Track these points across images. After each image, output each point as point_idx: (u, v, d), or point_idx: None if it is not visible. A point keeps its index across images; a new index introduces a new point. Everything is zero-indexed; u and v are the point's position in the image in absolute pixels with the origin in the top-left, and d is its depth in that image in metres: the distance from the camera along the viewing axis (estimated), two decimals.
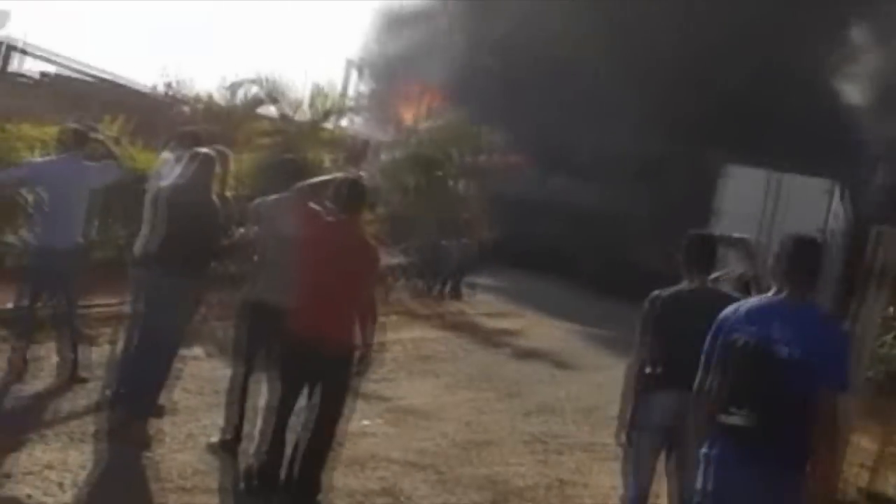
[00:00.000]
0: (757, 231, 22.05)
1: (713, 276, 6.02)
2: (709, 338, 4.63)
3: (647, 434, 5.80)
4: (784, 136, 27.81)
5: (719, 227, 24.90)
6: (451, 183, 20.00)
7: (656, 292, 5.90)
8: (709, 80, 29.92)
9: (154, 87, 16.91)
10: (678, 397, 5.41)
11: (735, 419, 4.33)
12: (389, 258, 15.44)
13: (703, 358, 4.63)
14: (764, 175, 24.07)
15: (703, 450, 4.53)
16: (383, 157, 19.59)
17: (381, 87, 35.48)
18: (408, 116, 23.25)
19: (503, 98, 31.08)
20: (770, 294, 4.55)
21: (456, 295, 21.39)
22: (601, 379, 14.50)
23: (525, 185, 29.76)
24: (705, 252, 5.95)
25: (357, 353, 6.21)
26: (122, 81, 13.18)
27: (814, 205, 23.40)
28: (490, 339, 16.03)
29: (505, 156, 22.29)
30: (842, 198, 25.15)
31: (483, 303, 20.72)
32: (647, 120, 30.21)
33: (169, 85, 16.21)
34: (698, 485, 4.54)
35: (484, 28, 35.14)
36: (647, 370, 5.75)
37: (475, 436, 9.20)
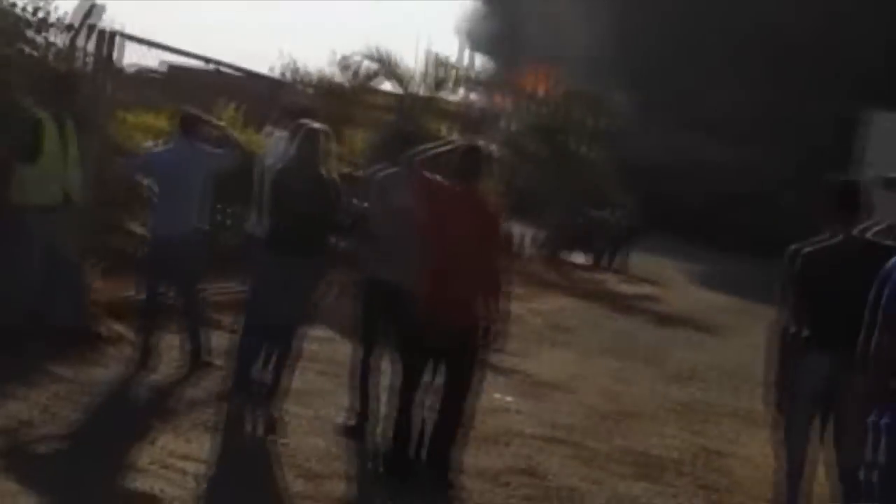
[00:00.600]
0: None
1: (862, 226, 5.37)
2: (873, 292, 3.95)
3: (799, 400, 5.30)
4: None
5: (864, 175, 23.79)
6: (576, 149, 19.34)
7: (796, 246, 5.34)
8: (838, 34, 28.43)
9: (272, 70, 16.78)
10: (831, 360, 4.99)
11: None
12: (520, 229, 14.97)
13: (867, 315, 3.97)
14: None
15: (873, 418, 3.88)
16: (503, 125, 19.08)
17: (497, 58, 35.06)
18: (527, 85, 22.69)
19: (631, 61, 30.30)
20: None
21: (619, 266, 21.19)
22: (743, 342, 13.82)
23: (656, 148, 28.98)
24: (849, 200, 5.34)
25: (483, 327, 5.78)
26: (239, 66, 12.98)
27: None
28: (627, 305, 15.44)
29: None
30: None
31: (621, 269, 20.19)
32: (783, 73, 28.89)
33: (288, 67, 16.06)
34: (867, 457, 3.89)
35: None
36: (794, 331, 5.26)
37: (616, 406, 8.69)
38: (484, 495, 5.80)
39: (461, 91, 17.31)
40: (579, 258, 20.65)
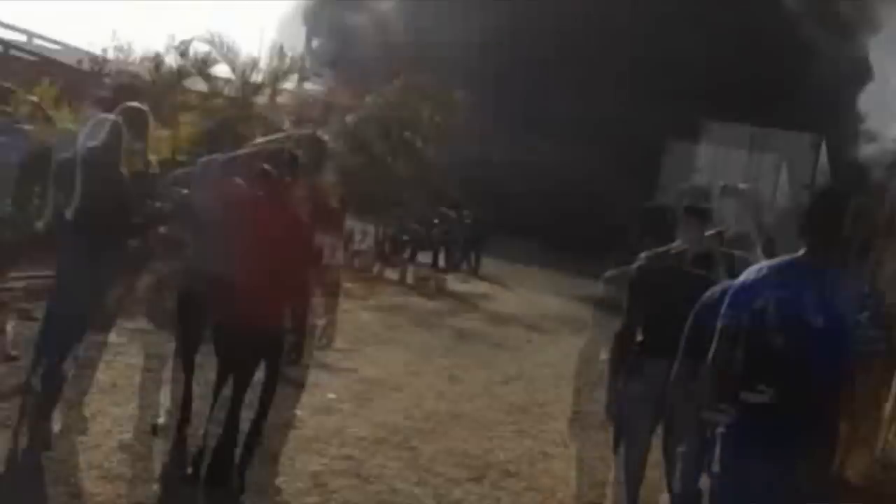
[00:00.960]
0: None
1: (708, 233, 5.37)
2: (725, 305, 3.91)
3: (636, 406, 5.25)
4: (764, 93, 27.17)
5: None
6: (419, 146, 19.14)
7: (643, 254, 5.39)
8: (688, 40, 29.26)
9: (105, 51, 16.00)
10: (668, 366, 4.87)
11: (762, 397, 3.67)
12: (354, 224, 14.66)
13: (718, 326, 3.91)
14: (747, 130, 23.44)
15: (721, 430, 3.82)
16: (347, 119, 18.71)
17: (341, 50, 34.62)
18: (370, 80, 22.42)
19: (470, 62, 30.39)
20: (798, 254, 3.83)
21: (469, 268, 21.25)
22: (580, 342, 13.93)
23: (494, 149, 29.15)
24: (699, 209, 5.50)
25: (288, 339, 5.55)
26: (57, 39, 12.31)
27: (799, 160, 22.85)
28: (462, 304, 15.34)
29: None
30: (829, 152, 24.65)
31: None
32: (623, 79, 29.51)
33: (119, 48, 15.33)
34: (715, 468, 3.85)
35: None
36: (629, 337, 5.30)
37: (446, 406, 8.50)
38: (300, 498, 5.50)
39: (302, 82, 16.91)
40: (427, 259, 20.46)
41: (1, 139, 7.19)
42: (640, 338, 5.29)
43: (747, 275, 3.89)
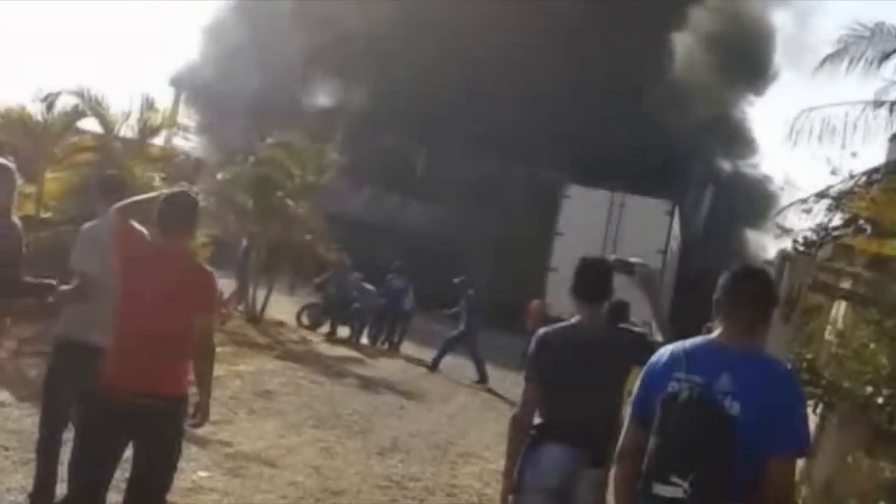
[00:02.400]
0: (601, 252, 22.13)
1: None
2: (637, 388, 3.86)
3: (535, 497, 4.95)
4: (618, 159, 27.98)
5: (562, 249, 25.05)
6: (290, 203, 18.95)
7: (544, 329, 5.12)
8: (544, 106, 29.91)
9: None
10: (571, 455, 4.78)
11: (675, 490, 3.50)
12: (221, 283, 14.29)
13: (629, 410, 3.86)
14: (607, 195, 24.12)
15: None
16: (219, 176, 18.41)
17: (211, 107, 34.30)
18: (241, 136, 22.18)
19: (339, 118, 30.46)
20: (712, 336, 3.77)
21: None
22: (451, 410, 13.93)
23: (363, 207, 29.21)
24: (599, 280, 5.11)
25: (188, 402, 5.16)
26: None
27: (654, 225, 23.60)
28: (333, 369, 15.13)
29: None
30: (682, 218, 25.56)
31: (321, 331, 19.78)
32: (484, 141, 30.00)
33: None
34: None
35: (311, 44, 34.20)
36: (536, 422, 4.98)
37: (320, 483, 8.30)
38: None
39: (172, 138, 16.58)
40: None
41: None
42: (540, 421, 5.00)
43: (658, 356, 3.82)
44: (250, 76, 34.04)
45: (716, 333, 3.75)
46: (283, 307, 20.05)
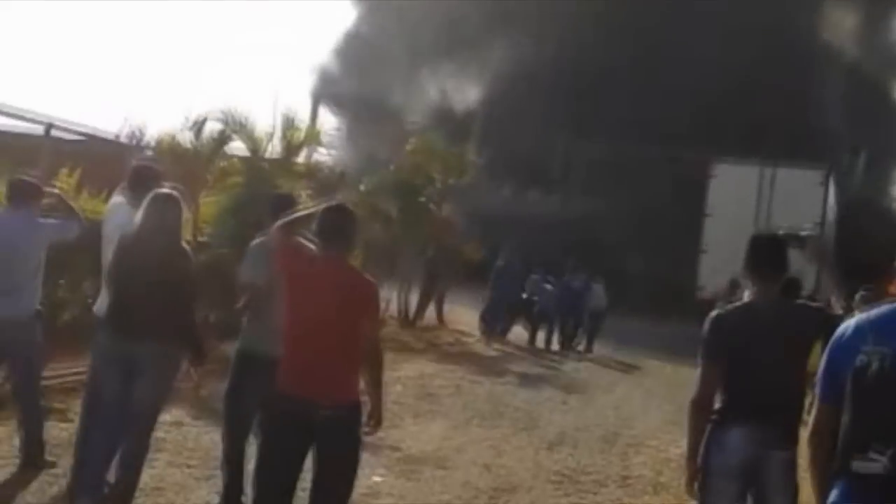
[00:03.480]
0: (754, 229, 21.51)
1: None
2: (822, 365, 3.64)
3: (721, 480, 4.79)
4: (765, 131, 27.11)
5: (712, 230, 24.48)
6: (433, 207, 19.12)
7: (719, 310, 4.99)
8: (682, 80, 29.22)
9: (117, 136, 15.98)
10: (757, 436, 4.61)
11: (876, 465, 3.30)
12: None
13: (818, 390, 3.67)
14: (755, 170, 23.43)
15: (831, 501, 3.56)
16: (362, 187, 18.71)
17: (351, 119, 34.91)
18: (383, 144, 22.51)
19: (476, 117, 30.59)
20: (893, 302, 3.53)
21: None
22: (614, 400, 13.76)
23: (504, 204, 29.18)
24: (775, 256, 4.97)
25: (362, 408, 5.23)
26: (80, 129, 12.25)
27: (808, 197, 22.80)
28: (492, 367, 15.16)
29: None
30: (837, 186, 24.62)
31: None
32: (622, 127, 29.52)
33: (133, 133, 15.30)
34: None
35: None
36: (718, 405, 4.81)
37: (491, 480, 8.29)
38: None
39: (315, 152, 16.92)
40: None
41: (52, 221, 7.07)
42: (722, 403, 4.83)
43: (842, 331, 3.55)
44: (388, 82, 34.51)
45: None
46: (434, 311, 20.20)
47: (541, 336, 19.71)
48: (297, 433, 5.03)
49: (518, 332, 19.95)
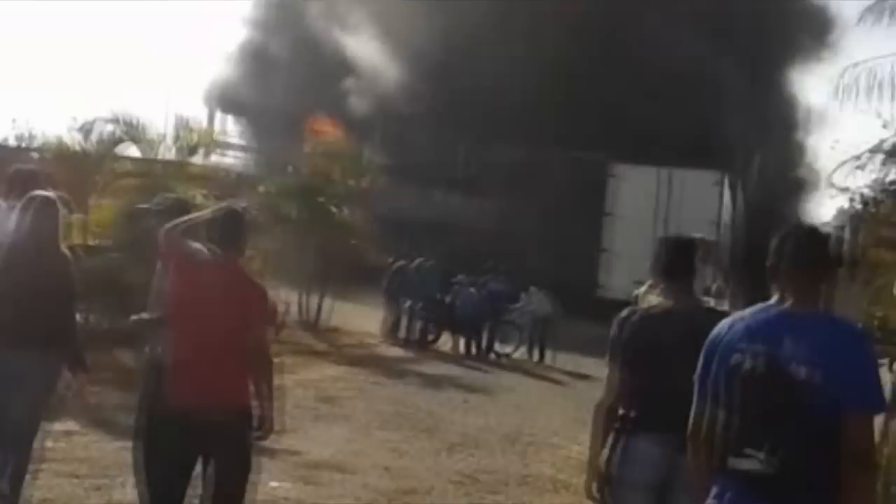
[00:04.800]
0: (652, 228, 21.90)
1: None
2: (700, 364, 3.68)
3: (633, 492, 4.54)
4: (664, 133, 27.55)
5: (612, 229, 24.83)
6: (334, 210, 18.97)
7: (626, 311, 4.78)
8: (583, 83, 29.56)
9: (5, 140, 15.56)
10: (670, 446, 4.25)
11: (751, 462, 3.38)
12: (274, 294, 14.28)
13: (695, 389, 3.71)
14: (653, 171, 23.86)
15: (710, 501, 3.59)
16: (261, 189, 18.49)
17: (251, 121, 34.54)
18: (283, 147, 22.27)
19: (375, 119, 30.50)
20: (771, 302, 3.60)
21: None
22: (516, 400, 13.81)
23: (409, 206, 29.13)
24: (685, 258, 4.78)
25: (254, 413, 5.13)
26: None
27: (704, 197, 23.30)
28: (397, 370, 15.09)
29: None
30: (731, 188, 25.17)
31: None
32: (524, 128, 29.72)
33: (21, 137, 14.92)
34: None
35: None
36: (626, 411, 4.59)
37: (399, 483, 8.23)
38: None
39: (212, 155, 16.66)
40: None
41: None
42: (627, 410, 4.60)
43: (719, 330, 3.67)
44: (287, 86, 34.17)
45: (774, 299, 3.59)
46: (336, 314, 20.00)
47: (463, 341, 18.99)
48: (186, 440, 4.91)
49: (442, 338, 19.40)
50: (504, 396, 13.98)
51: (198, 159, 15.48)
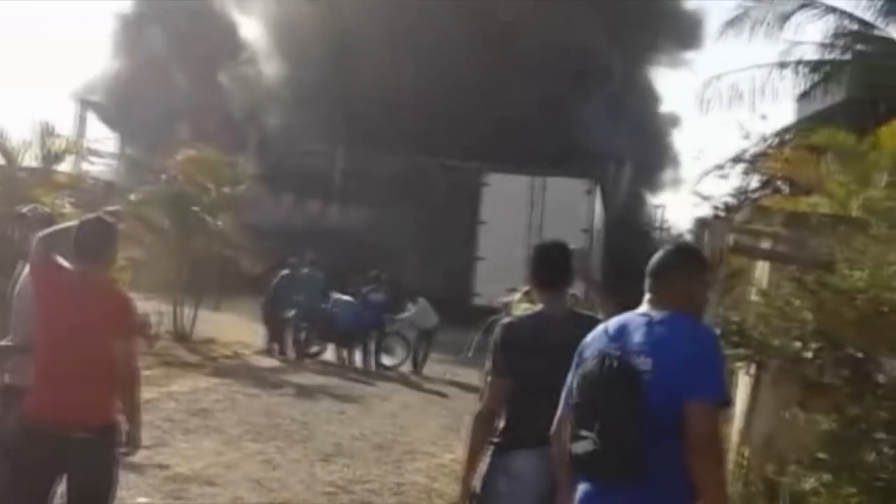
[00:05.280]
0: (526, 236, 22.24)
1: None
2: (573, 367, 3.80)
3: None
4: (535, 142, 28.01)
5: (487, 237, 25.12)
6: (209, 218, 18.68)
7: (504, 320, 4.74)
8: (456, 93, 29.82)
9: None
10: (545, 459, 4.13)
11: (586, 444, 3.49)
12: (146, 305, 14.01)
13: (563, 396, 3.82)
14: (526, 179, 24.22)
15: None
16: (132, 197, 18.09)
17: (120, 125, 33.77)
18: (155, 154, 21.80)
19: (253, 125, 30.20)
20: (641, 307, 3.78)
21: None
22: (392, 409, 13.85)
23: (284, 215, 28.93)
24: (562, 265, 4.70)
25: (120, 428, 5.04)
26: None
27: (576, 205, 23.77)
28: (268, 380, 14.95)
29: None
30: (602, 196, 25.75)
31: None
32: (397, 137, 29.85)
33: None
34: None
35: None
36: (501, 424, 4.51)
37: (270, 495, 8.19)
38: None
39: (80, 163, 16.21)
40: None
41: None
42: (505, 423, 4.50)
43: (588, 338, 3.83)
44: (158, 91, 33.54)
45: (643, 304, 3.77)
46: (210, 324, 19.70)
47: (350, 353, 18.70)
48: (48, 458, 4.82)
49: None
50: (380, 406, 14.00)
51: (66, 167, 15.07)
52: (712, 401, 3.56)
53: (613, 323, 3.77)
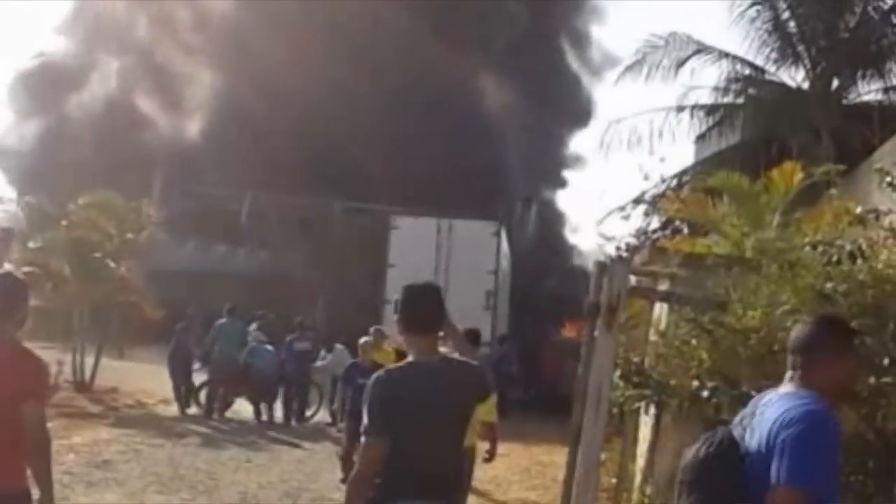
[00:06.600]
0: (433, 279, 22.23)
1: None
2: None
3: None
4: (443, 185, 28.21)
5: (396, 280, 25.07)
6: (112, 264, 18.36)
7: (382, 371, 4.42)
8: (364, 135, 29.96)
9: None
10: None
11: None
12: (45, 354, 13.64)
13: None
14: (433, 222, 24.30)
15: None
16: (31, 244, 17.70)
17: (20, 171, 33.09)
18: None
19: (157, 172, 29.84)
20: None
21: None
22: (299, 456, 13.70)
23: (188, 259, 28.61)
24: (434, 308, 4.47)
25: (30, 497, 4.79)
26: None
27: (483, 247, 23.91)
28: (173, 430, 14.68)
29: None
30: (508, 237, 25.99)
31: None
32: (306, 181, 29.81)
33: None
34: None
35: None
36: (378, 479, 4.24)
37: None
38: None
39: None
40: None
41: None
42: (382, 477, 4.25)
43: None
44: (63, 132, 32.96)
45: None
46: (113, 373, 19.28)
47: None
48: None
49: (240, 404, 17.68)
50: (288, 454, 13.83)
51: None
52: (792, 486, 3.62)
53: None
